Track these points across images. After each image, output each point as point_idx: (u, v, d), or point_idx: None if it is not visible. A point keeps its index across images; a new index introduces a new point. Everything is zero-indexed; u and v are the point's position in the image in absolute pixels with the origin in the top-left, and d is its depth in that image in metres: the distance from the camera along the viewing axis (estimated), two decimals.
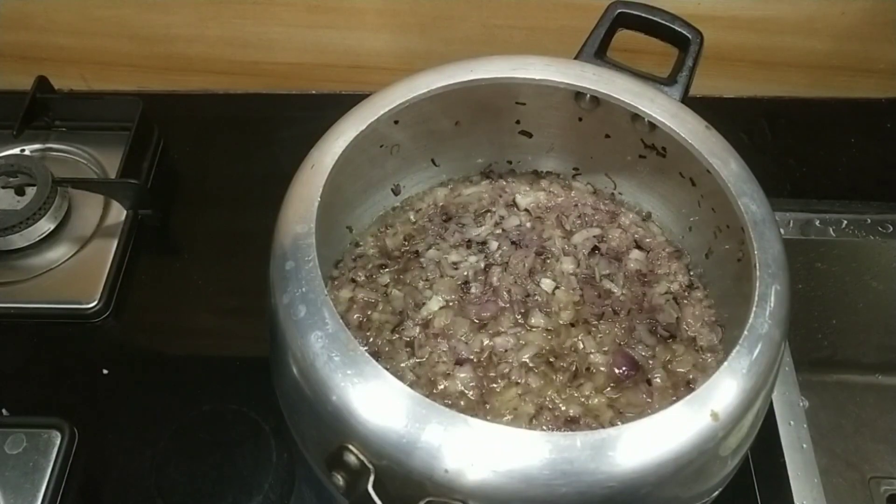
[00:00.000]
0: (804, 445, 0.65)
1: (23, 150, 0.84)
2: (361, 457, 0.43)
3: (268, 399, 0.67)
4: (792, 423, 0.66)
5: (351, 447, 0.43)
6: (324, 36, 0.87)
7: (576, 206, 0.67)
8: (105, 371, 0.70)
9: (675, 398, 0.54)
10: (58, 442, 0.64)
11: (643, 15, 0.61)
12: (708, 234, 0.59)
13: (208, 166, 0.87)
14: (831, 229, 0.79)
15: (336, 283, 0.62)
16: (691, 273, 0.62)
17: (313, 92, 0.93)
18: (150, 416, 0.68)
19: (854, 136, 0.89)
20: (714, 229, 0.58)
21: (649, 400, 0.54)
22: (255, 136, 0.89)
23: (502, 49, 0.60)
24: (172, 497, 0.63)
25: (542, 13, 0.83)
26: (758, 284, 0.47)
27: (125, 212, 0.79)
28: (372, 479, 0.42)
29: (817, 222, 0.79)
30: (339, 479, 0.44)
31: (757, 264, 0.48)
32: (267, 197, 0.81)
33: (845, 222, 0.79)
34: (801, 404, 0.68)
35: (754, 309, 0.46)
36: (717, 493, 0.51)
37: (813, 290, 0.81)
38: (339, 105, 0.58)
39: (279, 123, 0.89)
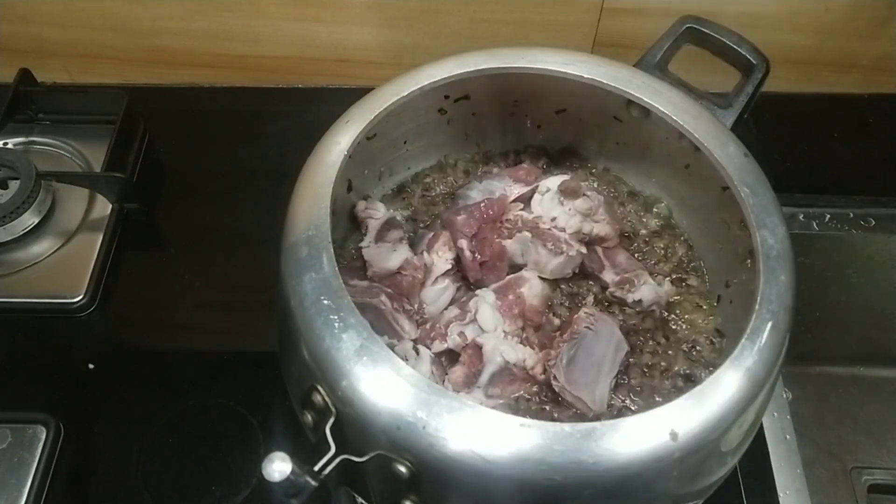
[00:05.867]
0: (787, 436, 0.66)
1: (6, 144, 0.84)
2: (327, 399, 0.44)
3: (255, 393, 0.67)
4: (776, 414, 0.67)
5: (319, 388, 0.45)
6: (310, 29, 0.86)
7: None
8: (91, 366, 0.70)
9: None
10: (43, 437, 0.64)
11: (711, 34, 0.61)
12: (733, 260, 0.59)
13: (194, 160, 0.87)
14: (815, 223, 0.80)
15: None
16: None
17: (300, 86, 0.93)
18: (136, 411, 0.67)
19: (837, 131, 0.89)
20: (738, 256, 0.58)
21: None
22: (242, 130, 0.88)
23: (489, 44, 0.60)
24: (159, 492, 0.63)
25: (530, 7, 0.83)
26: (754, 317, 0.47)
27: (110, 205, 0.79)
28: (332, 421, 0.43)
29: (801, 216, 0.80)
30: (309, 419, 0.46)
31: (760, 299, 0.48)
32: (253, 191, 0.82)
33: (828, 216, 0.80)
34: (785, 396, 0.69)
35: (744, 341, 0.46)
36: (712, 491, 0.52)
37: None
38: (325, 99, 0.59)
39: (265, 117, 0.89)
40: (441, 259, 0.61)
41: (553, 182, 0.64)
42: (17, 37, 0.87)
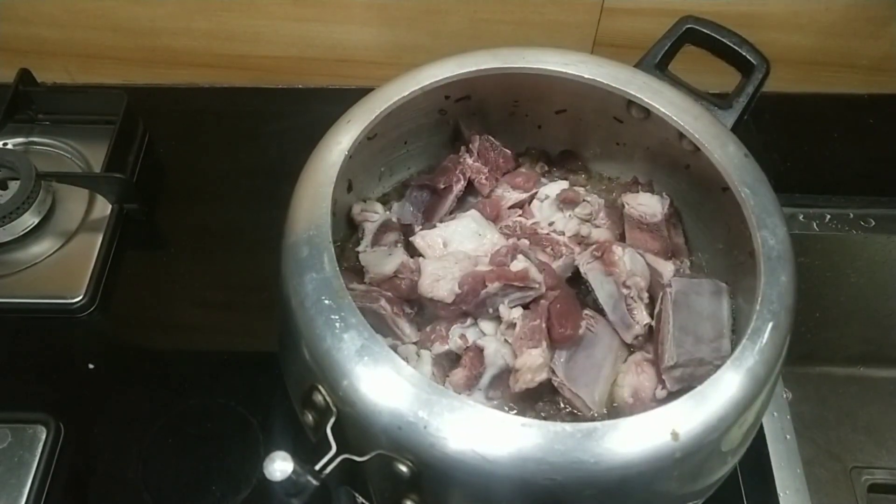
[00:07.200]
0: (787, 436, 0.66)
1: (5, 144, 0.84)
2: (327, 399, 0.44)
3: (255, 393, 0.67)
4: (776, 414, 0.67)
5: (320, 388, 0.45)
6: (311, 29, 0.86)
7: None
8: (91, 366, 0.70)
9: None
10: (43, 437, 0.64)
11: (711, 34, 0.61)
12: (733, 260, 0.59)
13: (194, 160, 0.87)
14: (815, 224, 0.80)
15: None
16: None
17: (300, 86, 0.93)
18: (136, 411, 0.67)
19: (837, 131, 0.89)
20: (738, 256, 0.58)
21: None
22: (241, 130, 0.88)
23: (490, 44, 0.60)
24: (159, 492, 0.63)
25: (530, 7, 0.83)
26: (755, 317, 0.47)
27: (110, 206, 0.79)
28: (332, 420, 0.43)
29: (801, 217, 0.80)
30: (309, 418, 0.46)
31: (760, 299, 0.48)
32: (253, 191, 0.82)
33: (828, 217, 0.80)
34: (785, 396, 0.69)
35: (745, 341, 0.46)
36: (712, 491, 0.52)
37: None
38: (325, 99, 0.58)
39: (265, 117, 0.89)
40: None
41: (552, 189, 0.64)
42: (17, 37, 0.87)
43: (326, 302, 0.45)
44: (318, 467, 0.41)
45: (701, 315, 0.55)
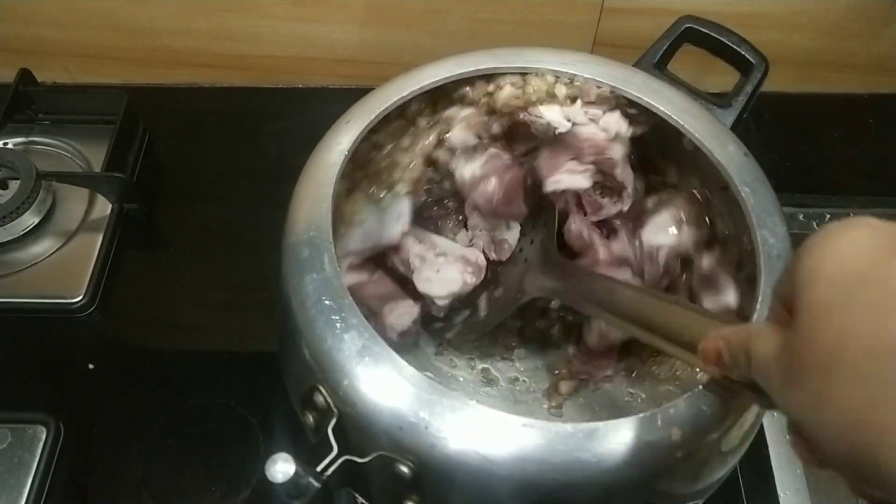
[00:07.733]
0: (787, 436, 0.66)
1: (6, 144, 0.84)
2: (328, 400, 0.44)
3: (255, 393, 0.67)
4: (776, 414, 0.67)
5: (320, 389, 0.44)
6: (311, 29, 0.86)
7: None
8: (91, 366, 0.70)
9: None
10: (43, 437, 0.64)
11: (710, 33, 0.60)
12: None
13: (194, 160, 0.87)
14: (815, 223, 0.80)
15: None
16: None
17: (300, 86, 0.93)
18: (136, 411, 0.67)
19: (837, 131, 0.89)
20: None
21: None
22: (242, 130, 0.88)
23: (489, 43, 0.60)
24: (159, 492, 0.63)
25: (530, 7, 0.83)
26: (755, 317, 0.47)
27: (110, 206, 0.79)
28: (333, 422, 0.43)
29: (801, 216, 0.80)
30: (310, 419, 0.46)
31: (760, 297, 0.47)
32: (253, 191, 0.82)
33: (828, 216, 0.80)
34: None
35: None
36: (712, 491, 0.52)
37: None
38: (325, 99, 0.58)
39: (265, 117, 0.89)
40: None
41: None
42: (17, 37, 0.87)
43: (327, 302, 0.45)
44: (319, 469, 0.41)
45: None
